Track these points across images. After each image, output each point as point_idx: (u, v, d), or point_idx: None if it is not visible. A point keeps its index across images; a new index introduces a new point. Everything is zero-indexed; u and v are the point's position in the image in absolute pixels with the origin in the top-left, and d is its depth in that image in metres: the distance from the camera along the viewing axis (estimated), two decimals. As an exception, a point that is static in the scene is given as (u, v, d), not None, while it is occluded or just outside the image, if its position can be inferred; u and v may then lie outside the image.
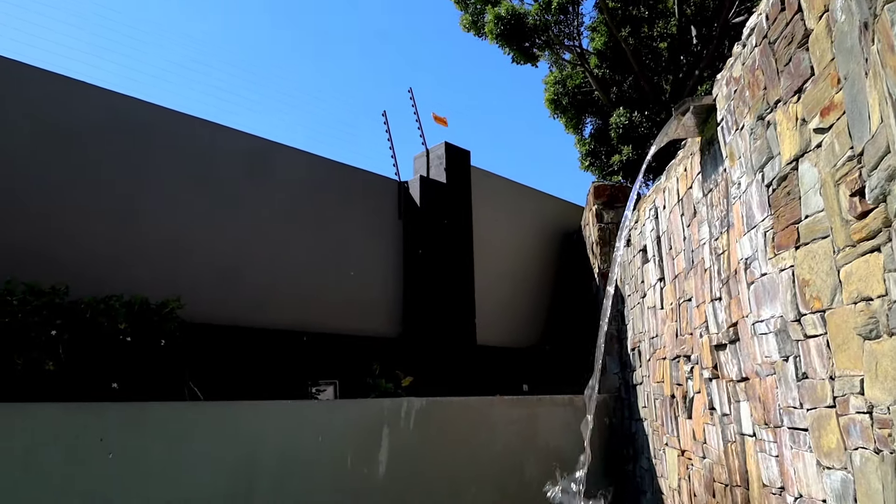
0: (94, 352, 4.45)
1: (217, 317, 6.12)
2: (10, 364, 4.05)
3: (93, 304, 4.60)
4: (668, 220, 6.12)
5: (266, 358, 6.24)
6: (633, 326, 7.74)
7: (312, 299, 7.11)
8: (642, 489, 7.44)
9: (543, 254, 10.16)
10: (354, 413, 5.51)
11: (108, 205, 5.84)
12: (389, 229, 8.18)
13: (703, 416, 5.20)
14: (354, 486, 5.29)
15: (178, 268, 6.08)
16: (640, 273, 7.25)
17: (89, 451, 4.00)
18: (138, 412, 4.27)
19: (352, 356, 6.97)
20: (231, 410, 4.76)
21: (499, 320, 9.07)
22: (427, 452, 5.89)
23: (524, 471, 6.77)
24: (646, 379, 7.19)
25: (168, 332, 4.84)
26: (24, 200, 5.37)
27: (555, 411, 7.35)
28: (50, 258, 5.25)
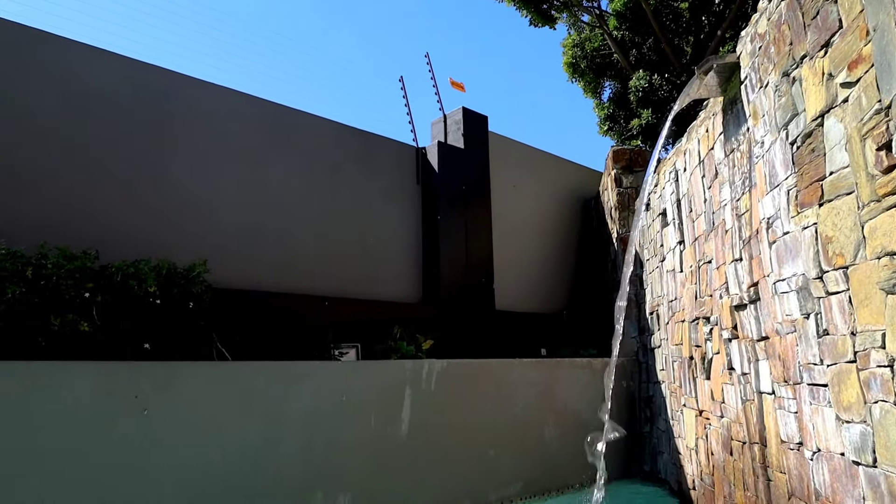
0: (126, 314, 4.58)
1: (241, 282, 6.24)
2: (47, 325, 4.19)
3: (122, 268, 4.72)
4: (689, 183, 6.09)
5: (289, 322, 6.36)
6: (652, 290, 7.76)
7: (333, 265, 7.20)
8: (659, 450, 7.56)
9: (561, 219, 10.16)
10: (377, 374, 5.63)
11: (134, 172, 5.93)
12: (408, 195, 8.22)
13: (721, 376, 5.25)
14: (378, 443, 5.44)
15: (204, 234, 6.18)
16: (660, 237, 7.23)
17: (125, 408, 4.16)
18: (170, 371, 4.41)
19: (372, 320, 7.08)
20: (258, 370, 4.90)
21: (517, 286, 9.13)
22: (448, 412, 6.02)
23: (543, 431, 6.90)
24: (664, 342, 7.23)
25: (195, 295, 4.96)
26: (55, 168, 5.47)
27: (573, 374, 7.45)
28: (79, 224, 5.37)
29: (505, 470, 6.42)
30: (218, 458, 4.51)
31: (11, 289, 4.04)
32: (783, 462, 4.02)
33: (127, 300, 4.58)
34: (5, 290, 4.05)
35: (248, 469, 4.64)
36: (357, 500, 5.19)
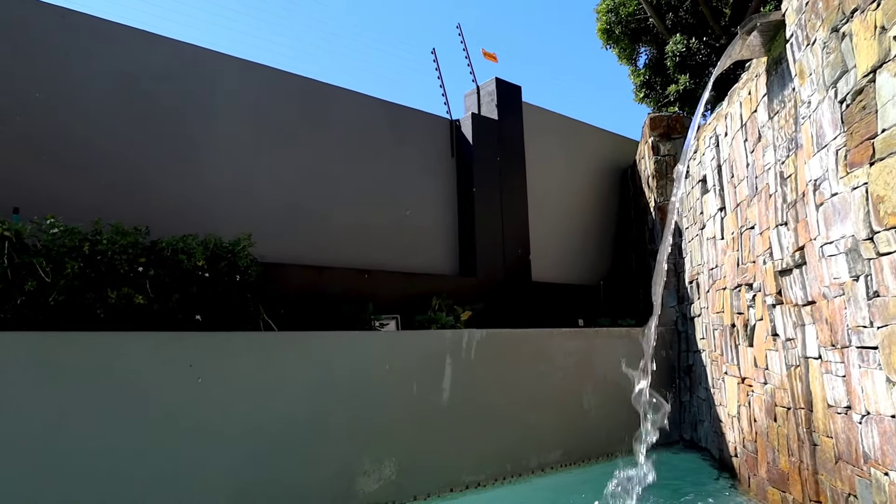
0: (177, 287, 4.75)
1: (282, 256, 6.38)
2: (105, 298, 4.38)
3: (172, 243, 4.88)
4: (730, 148, 5.97)
5: (330, 294, 6.50)
6: (691, 259, 7.67)
7: (372, 238, 7.30)
8: (699, 418, 7.54)
9: (598, 190, 10.06)
10: (418, 343, 5.74)
11: (178, 150, 6.08)
12: (443, 168, 8.24)
13: (765, 342, 5.20)
14: (420, 410, 5.57)
15: (246, 210, 6.32)
16: (699, 204, 7.12)
17: (180, 376, 4.34)
18: (222, 341, 4.58)
19: (411, 292, 7.18)
20: (305, 340, 5.04)
21: (554, 257, 9.12)
22: (488, 380, 6.11)
23: (582, 399, 6.95)
24: (704, 311, 7.17)
25: (241, 268, 5.10)
26: (105, 148, 5.65)
27: (611, 343, 7.45)
28: (128, 201, 5.55)
29: (545, 437, 6.51)
30: (269, 425, 4.68)
31: (70, 264, 4.22)
32: (830, 426, 3.99)
33: (177, 274, 4.74)
34: (65, 265, 4.23)
35: (299, 434, 4.81)
36: (402, 464, 5.34)
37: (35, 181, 5.19)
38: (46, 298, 4.15)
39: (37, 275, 4.12)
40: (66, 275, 4.20)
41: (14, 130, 5.24)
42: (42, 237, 4.29)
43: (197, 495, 4.29)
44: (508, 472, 6.14)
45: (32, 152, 5.27)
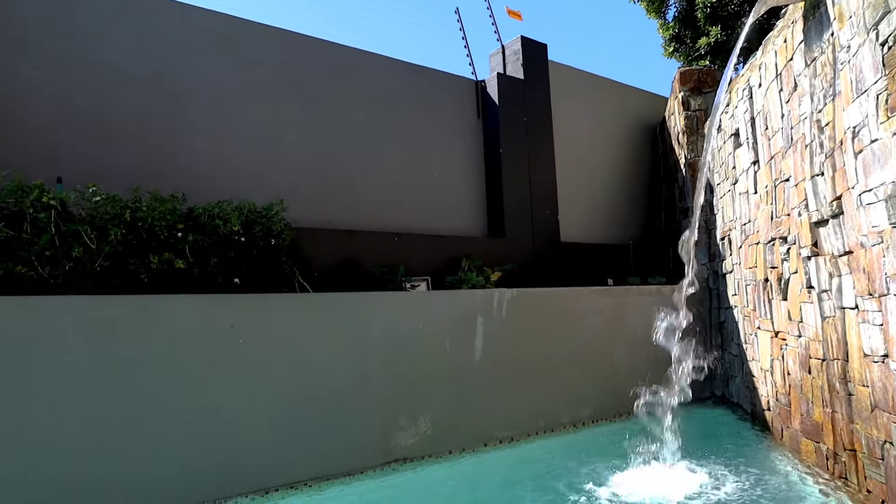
0: (214, 251, 4.87)
1: (314, 221, 6.48)
2: (147, 263, 4.53)
3: (208, 209, 5.00)
4: (764, 99, 5.82)
5: (362, 258, 6.61)
6: (723, 215, 7.57)
7: (400, 201, 7.36)
8: (731, 374, 7.54)
9: (626, 148, 9.92)
10: (450, 303, 5.82)
11: (211, 118, 6.17)
12: (469, 129, 8.21)
13: (799, 295, 5.16)
14: (453, 368, 5.69)
15: (278, 177, 6.42)
16: (732, 159, 7.00)
17: (222, 337, 4.50)
18: (261, 302, 4.72)
19: (440, 254, 7.25)
20: (340, 301, 5.16)
21: (582, 217, 9.08)
22: (519, 339, 6.19)
23: (613, 357, 7.00)
24: (736, 266, 7.11)
25: (275, 232, 5.21)
26: (140, 118, 5.76)
27: (642, 301, 7.45)
28: (164, 169, 5.68)
29: (576, 394, 6.60)
30: (308, 382, 4.85)
31: (113, 231, 4.37)
32: (866, 375, 3.98)
33: (215, 239, 4.86)
34: (108, 231, 4.38)
35: (336, 391, 4.97)
36: (436, 420, 5.48)
37: (75, 152, 5.34)
38: (93, 264, 4.31)
39: (82, 241, 4.28)
40: (109, 241, 4.35)
41: (54, 103, 5.37)
42: (85, 205, 4.43)
43: (239, 448, 4.49)
44: (541, 428, 6.26)
45: (72, 124, 5.41)
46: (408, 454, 5.29)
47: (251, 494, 4.49)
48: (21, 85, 5.27)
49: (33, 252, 4.09)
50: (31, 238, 4.14)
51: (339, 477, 4.90)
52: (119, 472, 4.02)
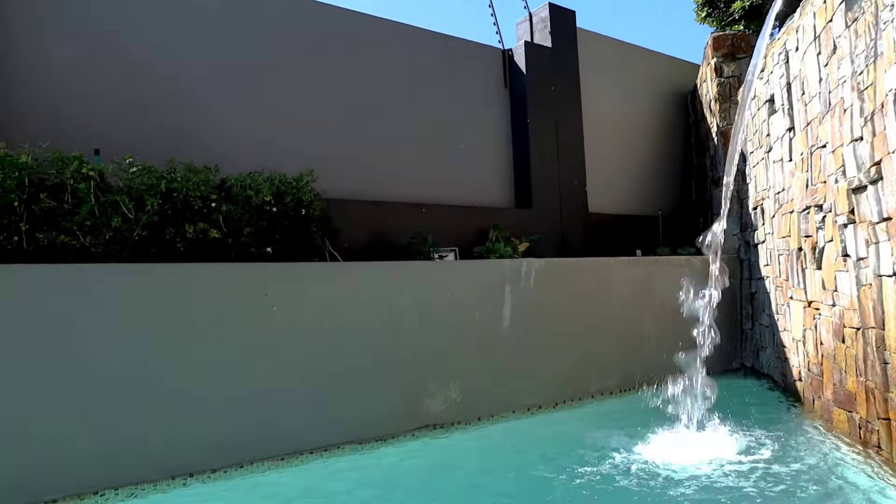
0: (247, 221, 4.96)
1: (343, 192, 6.53)
2: (182, 233, 4.63)
3: (240, 179, 5.08)
4: (801, 63, 5.66)
5: (389, 228, 6.66)
6: (756, 184, 7.43)
7: (428, 172, 7.36)
8: (762, 345, 7.48)
9: (656, 117, 9.74)
10: (478, 272, 5.86)
11: (241, 91, 6.22)
12: (496, 99, 8.14)
13: (834, 264, 5.07)
14: (481, 336, 5.74)
15: (306, 149, 6.45)
16: (766, 126, 6.84)
17: (256, 305, 4.61)
18: (293, 271, 4.81)
19: (468, 225, 7.27)
20: (369, 269, 5.24)
21: (610, 187, 8.99)
22: (547, 308, 6.21)
23: (641, 327, 6.99)
24: (769, 236, 6.99)
25: (306, 202, 5.27)
26: (173, 90, 5.84)
27: (671, 271, 7.38)
28: (196, 141, 5.76)
29: (604, 364, 6.62)
30: (339, 348, 4.95)
31: (150, 201, 4.47)
32: (902, 343, 3.92)
33: (247, 209, 4.95)
34: (144, 202, 4.48)
35: (366, 358, 5.07)
36: (465, 388, 5.56)
37: (111, 123, 5.45)
38: (131, 234, 4.43)
39: (120, 211, 4.39)
40: (147, 211, 4.46)
41: (91, 76, 5.47)
42: (123, 176, 4.54)
43: (274, 411, 4.62)
44: (568, 396, 6.31)
45: (108, 97, 5.51)
46: (437, 420, 5.39)
47: (286, 456, 4.63)
48: (58, 60, 5.37)
49: (75, 222, 4.22)
50: (72, 208, 4.27)
51: (370, 442, 5.02)
52: (161, 430, 4.18)
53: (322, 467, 4.64)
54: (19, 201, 4.11)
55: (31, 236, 4.14)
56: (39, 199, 4.15)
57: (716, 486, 4.05)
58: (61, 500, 3.84)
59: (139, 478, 4.11)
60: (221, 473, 4.37)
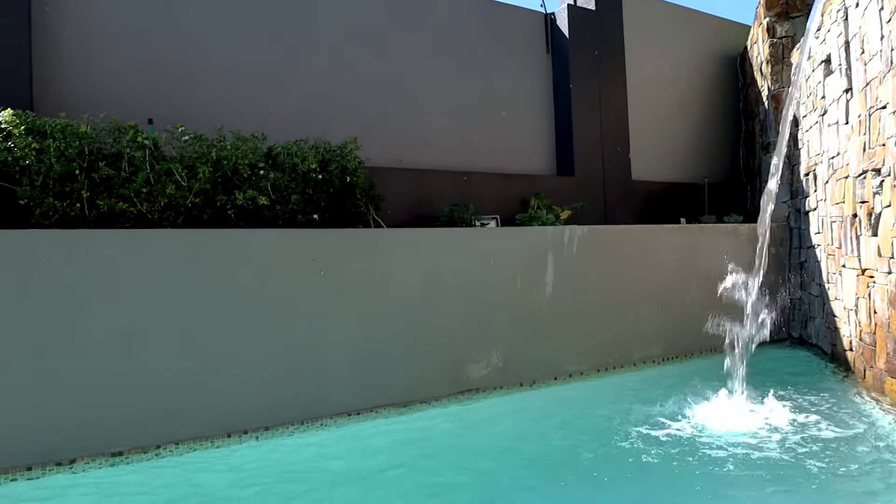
0: (294, 189, 5.06)
1: (385, 160, 6.58)
2: (233, 200, 4.76)
3: (287, 147, 5.16)
4: (862, 20, 5.40)
5: (431, 196, 6.70)
6: (808, 149, 7.18)
7: (469, 140, 7.35)
8: (811, 315, 7.31)
9: (703, 81, 9.45)
10: (520, 240, 5.87)
11: (283, 60, 6.29)
12: (538, 65, 8.02)
13: (892, 230, 4.90)
14: (523, 304, 5.77)
15: (348, 117, 6.51)
16: (821, 88, 6.57)
17: (304, 270, 4.73)
18: (339, 237, 4.91)
19: (509, 193, 7.26)
20: (413, 236, 5.31)
21: (655, 154, 8.81)
22: (590, 276, 6.19)
23: (685, 296, 6.91)
24: (821, 203, 6.78)
25: (350, 170, 5.33)
26: (219, 60, 5.95)
27: (717, 240, 7.25)
28: (242, 110, 5.87)
29: (647, 332, 6.59)
30: (384, 313, 5.05)
31: (201, 169, 4.60)
32: (963, 310, 3.79)
33: (294, 176, 5.04)
34: (196, 169, 4.61)
35: (410, 323, 5.16)
36: (506, 354, 5.62)
37: (162, 93, 5.59)
38: (185, 200, 4.57)
39: (174, 179, 4.53)
40: (199, 179, 4.59)
41: (142, 47, 5.61)
42: (175, 145, 4.67)
43: (322, 374, 4.78)
44: (610, 364, 6.32)
45: (158, 66, 5.65)
46: (479, 385, 5.48)
47: (335, 416, 4.79)
48: (112, 30, 5.51)
49: (132, 189, 4.38)
50: (128, 176, 4.43)
51: (414, 404, 5.15)
52: (216, 389, 4.37)
53: (366, 427, 4.79)
54: (80, 169, 4.28)
55: (91, 203, 4.32)
56: (98, 168, 4.32)
57: (757, 455, 4.02)
58: (126, 453, 4.07)
59: (196, 434, 4.31)
60: (274, 431, 4.55)
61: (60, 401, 3.88)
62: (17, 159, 4.08)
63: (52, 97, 5.20)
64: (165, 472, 4.00)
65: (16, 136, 4.08)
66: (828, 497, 3.36)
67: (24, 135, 4.10)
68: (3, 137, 4.09)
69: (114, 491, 3.73)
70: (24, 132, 4.10)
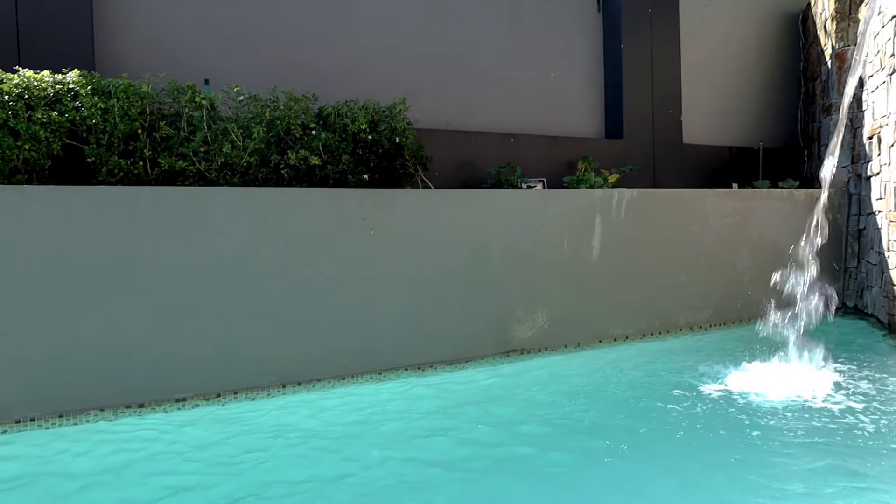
0: (344, 149, 5.12)
1: (432, 122, 6.58)
2: (286, 159, 4.86)
3: (337, 108, 5.21)
4: (941, -29, 5.08)
5: (478, 158, 6.69)
6: (873, 111, 6.86)
7: (516, 102, 7.26)
8: (868, 284, 7.09)
9: (761, 40, 9.06)
10: (568, 202, 5.83)
11: (334, 21, 6.30)
12: (588, 24, 7.81)
13: (961, 194, 4.69)
14: (570, 266, 5.77)
15: (397, 78, 6.51)
16: (890, 45, 6.24)
17: (355, 229, 4.83)
18: (389, 197, 4.98)
19: (556, 156, 7.19)
20: (461, 197, 5.34)
21: (707, 117, 8.55)
22: (637, 240, 6.13)
23: (736, 261, 6.78)
24: (884, 168, 6.50)
25: (399, 130, 5.36)
26: (269, 22, 6.01)
27: (771, 205, 7.06)
28: (293, 70, 5.93)
29: (695, 297, 6.51)
30: (433, 273, 5.13)
31: (256, 129, 4.70)
32: None
33: (344, 136, 5.10)
34: (251, 129, 4.72)
35: (458, 282, 5.23)
36: (552, 316, 5.65)
37: (217, 54, 5.70)
38: (240, 160, 4.69)
39: (230, 139, 4.65)
40: (253, 138, 4.70)
41: (197, 7, 5.70)
42: (231, 105, 4.78)
43: (372, 330, 4.91)
44: (656, 329, 6.29)
45: (214, 27, 5.75)
46: (525, 346, 5.54)
47: (384, 372, 4.94)
48: None
49: (190, 148, 4.51)
50: (187, 135, 4.56)
51: (461, 362, 5.25)
52: (272, 342, 4.55)
53: (413, 382, 4.94)
54: (142, 129, 4.44)
55: (153, 162, 4.48)
56: (159, 127, 4.47)
57: (810, 422, 3.98)
58: (189, 399, 4.29)
59: (254, 384, 4.51)
60: (326, 383, 4.73)
61: (130, 349, 4.11)
62: (84, 119, 4.24)
63: (111, 58, 5.36)
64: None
65: (83, 97, 4.24)
66: (885, 468, 3.32)
67: (91, 95, 4.26)
68: (71, 97, 4.25)
69: (174, 429, 3.96)
70: (90, 92, 4.26)
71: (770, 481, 3.15)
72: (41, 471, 3.41)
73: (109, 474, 3.35)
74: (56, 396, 3.94)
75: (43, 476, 3.34)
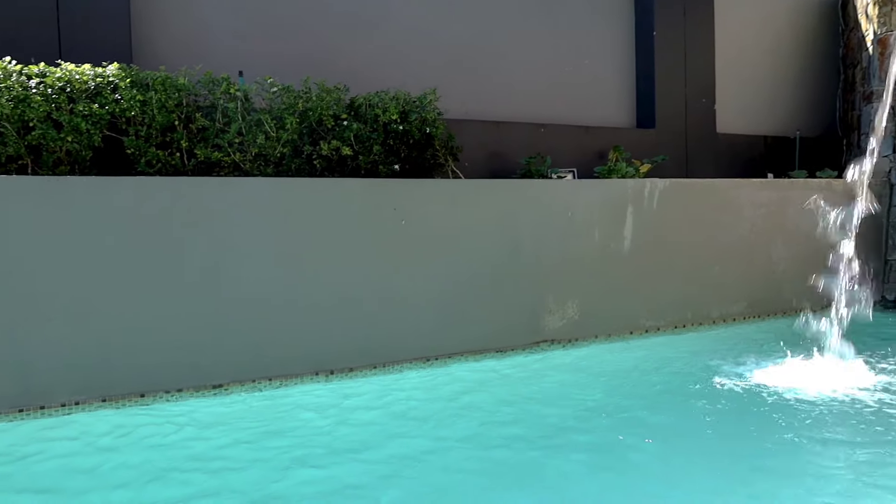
0: (375, 139, 5.15)
1: (461, 112, 6.55)
2: (318, 149, 4.91)
3: (368, 98, 5.24)
4: None
5: (508, 148, 6.66)
6: (917, 98, 6.65)
7: (547, 92, 7.20)
8: (908, 277, 6.91)
9: (799, 26, 8.81)
10: (599, 192, 5.79)
11: (363, 13, 6.31)
12: (620, 11, 7.70)
13: None
14: (601, 256, 5.74)
15: (426, 70, 6.48)
16: (937, 29, 6.03)
17: (386, 218, 4.87)
18: (420, 187, 5.01)
19: (586, 146, 7.12)
20: (491, 187, 5.35)
21: (742, 105, 8.37)
22: (670, 230, 6.06)
23: (771, 252, 6.66)
24: (928, 156, 6.31)
25: (430, 121, 5.36)
26: (300, 13, 6.05)
27: (808, 196, 6.90)
28: (324, 62, 5.97)
29: (728, 288, 6.42)
30: (462, 263, 5.15)
31: (289, 119, 4.75)
32: None
33: (376, 127, 5.13)
34: (284, 120, 4.77)
35: (488, 272, 5.24)
36: (583, 306, 5.63)
37: (250, 47, 5.76)
38: (274, 150, 4.75)
39: (264, 130, 4.71)
40: (287, 129, 4.75)
41: (230, 3, 5.78)
42: (265, 96, 4.83)
43: (403, 320, 4.95)
44: (688, 320, 6.22)
45: (247, 21, 5.81)
46: (555, 336, 5.53)
47: (416, 361, 4.98)
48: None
49: (225, 139, 4.59)
50: (223, 127, 4.63)
51: (491, 352, 5.27)
52: (306, 331, 4.62)
53: (444, 371, 4.97)
54: (179, 120, 4.52)
55: (190, 153, 4.57)
56: (195, 119, 4.54)
57: (846, 416, 3.91)
58: (226, 384, 4.39)
59: (287, 372, 4.59)
60: (358, 372, 4.79)
61: (164, 336, 4.22)
62: (123, 111, 4.34)
63: (146, 49, 5.45)
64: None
65: (122, 89, 4.33)
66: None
67: (130, 87, 4.35)
68: (111, 90, 4.34)
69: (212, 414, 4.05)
70: (129, 85, 4.35)
71: (803, 478, 3.11)
72: (86, 451, 3.52)
73: (157, 455, 3.44)
74: (99, 382, 4.06)
75: (88, 456, 3.46)
